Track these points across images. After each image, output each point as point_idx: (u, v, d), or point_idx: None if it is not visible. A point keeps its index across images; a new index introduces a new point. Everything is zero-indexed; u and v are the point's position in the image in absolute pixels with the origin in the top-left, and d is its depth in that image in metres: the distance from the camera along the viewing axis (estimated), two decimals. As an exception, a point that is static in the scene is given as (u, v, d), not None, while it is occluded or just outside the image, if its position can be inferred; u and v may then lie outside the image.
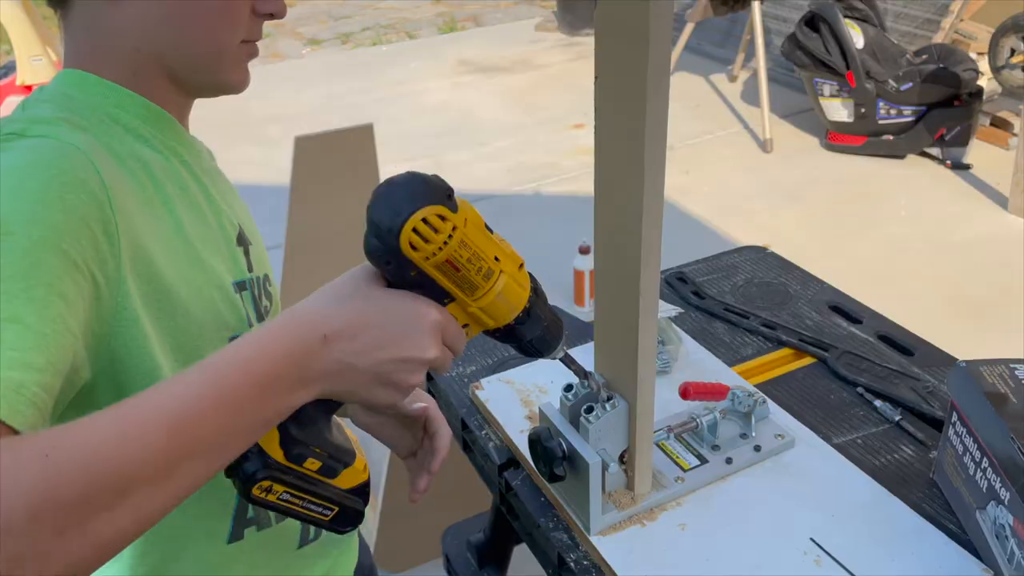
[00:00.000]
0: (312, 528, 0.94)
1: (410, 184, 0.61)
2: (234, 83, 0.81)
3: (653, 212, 0.76)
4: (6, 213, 0.59)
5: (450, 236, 0.60)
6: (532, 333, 0.73)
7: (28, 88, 4.06)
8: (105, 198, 0.65)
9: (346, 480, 0.68)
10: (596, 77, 0.75)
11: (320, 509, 0.66)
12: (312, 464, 0.64)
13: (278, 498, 0.63)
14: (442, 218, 0.60)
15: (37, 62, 4.05)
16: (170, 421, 0.52)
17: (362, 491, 0.70)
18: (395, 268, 0.61)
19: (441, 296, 0.65)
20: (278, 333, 0.59)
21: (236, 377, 0.56)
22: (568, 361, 0.82)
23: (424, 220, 0.59)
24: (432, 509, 1.76)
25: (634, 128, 0.72)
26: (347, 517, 0.69)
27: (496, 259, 0.65)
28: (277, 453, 0.61)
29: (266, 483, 0.61)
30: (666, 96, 0.71)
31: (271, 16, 0.80)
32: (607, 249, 0.82)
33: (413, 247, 0.60)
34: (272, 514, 0.90)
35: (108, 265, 0.64)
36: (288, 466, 0.62)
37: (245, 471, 0.60)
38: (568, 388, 0.90)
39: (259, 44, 0.82)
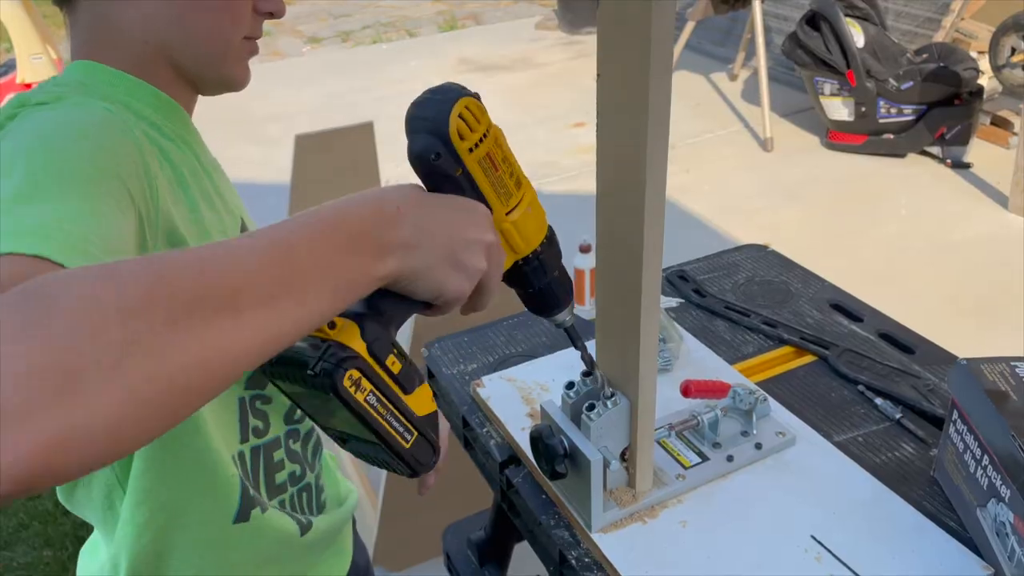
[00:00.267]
0: (312, 518, 0.94)
1: (444, 86, 0.64)
2: (236, 79, 0.83)
3: (655, 210, 0.76)
4: (67, 144, 0.61)
5: (488, 131, 0.64)
6: (541, 280, 0.73)
7: (28, 86, 4.06)
8: (144, 158, 0.67)
9: (419, 403, 0.63)
10: (598, 75, 0.75)
11: (402, 430, 0.62)
12: (393, 365, 0.61)
13: (365, 399, 0.58)
14: (480, 109, 0.64)
15: (37, 60, 4.05)
16: (273, 251, 0.50)
17: (434, 423, 0.65)
18: (443, 163, 0.63)
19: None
20: (355, 200, 0.58)
21: (326, 227, 0.55)
22: (581, 346, 0.83)
23: (467, 107, 0.63)
24: (433, 507, 1.76)
25: (636, 126, 0.72)
26: (424, 450, 0.64)
27: (521, 178, 0.68)
28: (359, 346, 0.58)
29: (355, 373, 0.57)
30: (668, 94, 0.71)
31: (271, 15, 0.82)
32: (608, 248, 0.82)
33: (460, 136, 0.62)
34: (278, 499, 0.90)
35: (151, 215, 0.67)
36: (371, 362, 0.59)
37: (333, 356, 0.56)
38: (570, 386, 0.90)
39: (259, 42, 0.85)
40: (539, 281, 0.73)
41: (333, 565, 1.01)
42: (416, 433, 0.63)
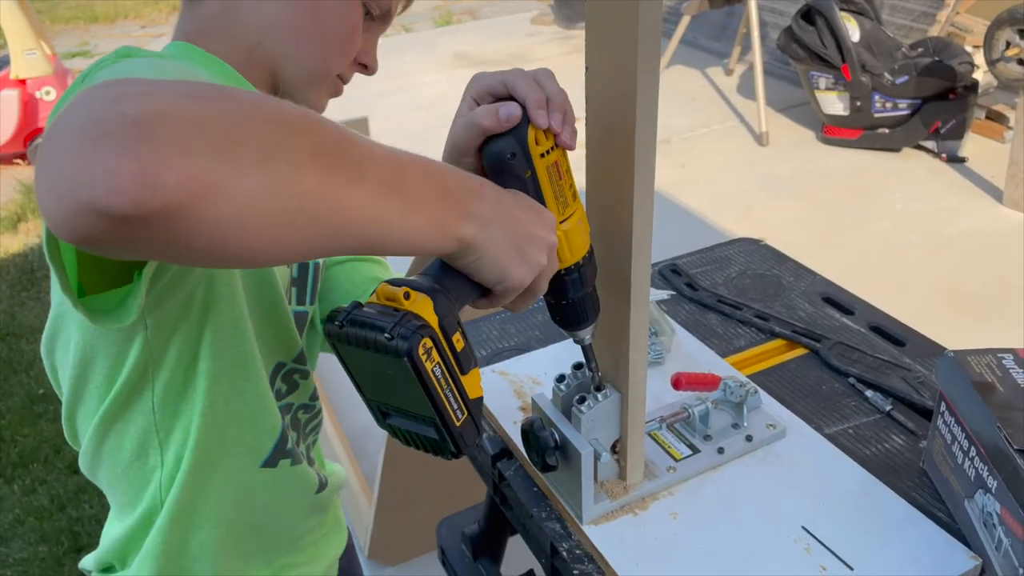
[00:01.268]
0: (326, 477, 0.96)
1: None
2: (314, 107, 0.86)
3: (644, 203, 0.76)
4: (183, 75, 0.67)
5: (555, 144, 0.69)
6: (578, 292, 0.76)
7: (22, 82, 4.05)
8: None
9: (472, 385, 0.66)
10: (587, 68, 0.75)
11: (456, 407, 0.63)
12: (457, 342, 0.63)
13: (432, 369, 0.60)
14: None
15: (31, 56, 4.04)
16: (393, 159, 0.57)
17: (480, 408, 0.67)
18: (516, 163, 0.68)
19: None
20: (446, 164, 0.63)
21: (432, 170, 0.60)
22: (595, 367, 0.86)
23: None
24: (427, 502, 1.77)
25: (624, 119, 0.72)
26: (470, 431, 0.66)
27: (576, 192, 0.73)
28: (432, 319, 0.61)
29: (428, 342, 0.60)
30: (656, 88, 0.71)
31: (364, 68, 0.88)
32: (598, 240, 0.82)
33: (536, 141, 0.67)
34: (304, 450, 0.93)
35: None
36: (439, 334, 0.61)
37: (411, 324, 0.59)
38: (560, 379, 0.91)
39: None
40: (575, 293, 0.76)
41: (334, 540, 1.03)
42: (467, 413, 0.65)
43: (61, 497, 2.38)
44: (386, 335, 0.58)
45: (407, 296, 0.61)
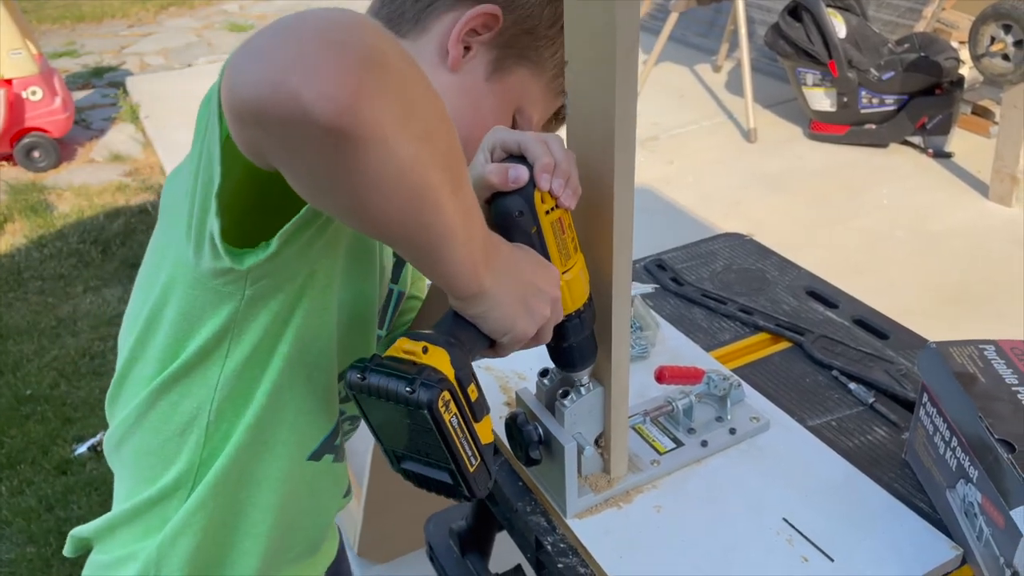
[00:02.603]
0: (348, 483, 0.96)
1: None
2: None
3: (624, 197, 0.76)
4: None
5: (559, 203, 0.74)
6: (578, 336, 0.81)
7: (8, 82, 4.02)
8: None
9: (484, 431, 0.69)
10: (566, 62, 0.75)
11: (470, 453, 0.67)
12: (472, 392, 0.67)
13: (450, 420, 0.64)
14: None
15: (17, 55, 4.01)
16: (460, 149, 0.60)
17: (491, 453, 0.70)
18: (523, 220, 0.72)
19: None
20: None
21: (475, 215, 0.63)
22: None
23: None
24: (416, 499, 1.76)
25: (604, 113, 0.73)
26: (483, 476, 0.69)
27: (577, 245, 0.78)
28: (449, 372, 0.65)
29: (447, 395, 0.63)
30: (635, 83, 0.71)
31: None
32: (580, 236, 0.82)
33: (542, 199, 0.72)
34: (346, 449, 0.93)
35: None
36: (456, 386, 0.65)
37: (431, 378, 0.63)
38: (544, 373, 0.91)
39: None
40: (575, 337, 0.81)
41: (333, 546, 1.02)
42: (480, 459, 0.68)
43: (49, 498, 2.37)
44: (407, 388, 0.62)
45: (425, 351, 0.65)
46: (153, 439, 0.79)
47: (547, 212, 0.73)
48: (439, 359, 0.65)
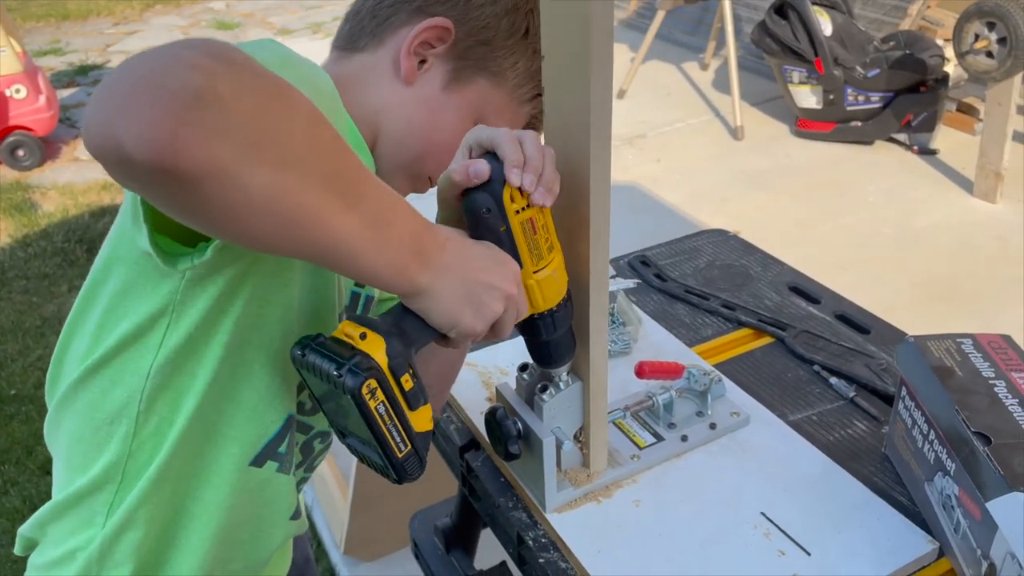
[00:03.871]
0: (300, 504, 0.93)
1: None
2: (396, 190, 0.88)
3: (600, 191, 0.76)
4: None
5: (530, 203, 0.73)
6: (553, 334, 0.81)
7: (-8, 79, 3.99)
8: None
9: (420, 420, 0.71)
10: (543, 56, 0.75)
11: (399, 440, 0.69)
12: (406, 383, 0.69)
13: (376, 407, 0.66)
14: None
15: (0, 53, 3.99)
16: (384, 197, 0.63)
17: (427, 441, 0.72)
18: (491, 217, 0.72)
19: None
20: (418, 215, 0.67)
21: (407, 217, 0.65)
22: None
23: None
24: (403, 497, 1.76)
25: (579, 106, 0.72)
26: (412, 463, 0.71)
27: (554, 244, 0.77)
28: (382, 360, 0.67)
29: (373, 383, 0.65)
30: (610, 76, 0.71)
31: (430, 182, 0.92)
32: (558, 229, 0.82)
33: (511, 199, 0.71)
34: (294, 463, 0.88)
35: None
36: (388, 376, 0.67)
37: (359, 365, 0.65)
38: (523, 368, 0.91)
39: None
40: (547, 335, 0.81)
41: (279, 564, 0.99)
42: (410, 447, 0.70)
43: (33, 498, 2.35)
44: (336, 372, 0.65)
45: (363, 336, 0.67)
46: (85, 425, 0.77)
47: (518, 211, 0.72)
48: (375, 346, 0.67)
